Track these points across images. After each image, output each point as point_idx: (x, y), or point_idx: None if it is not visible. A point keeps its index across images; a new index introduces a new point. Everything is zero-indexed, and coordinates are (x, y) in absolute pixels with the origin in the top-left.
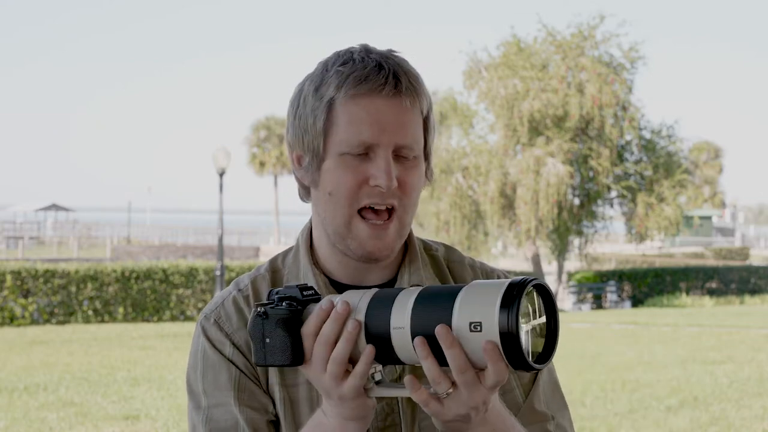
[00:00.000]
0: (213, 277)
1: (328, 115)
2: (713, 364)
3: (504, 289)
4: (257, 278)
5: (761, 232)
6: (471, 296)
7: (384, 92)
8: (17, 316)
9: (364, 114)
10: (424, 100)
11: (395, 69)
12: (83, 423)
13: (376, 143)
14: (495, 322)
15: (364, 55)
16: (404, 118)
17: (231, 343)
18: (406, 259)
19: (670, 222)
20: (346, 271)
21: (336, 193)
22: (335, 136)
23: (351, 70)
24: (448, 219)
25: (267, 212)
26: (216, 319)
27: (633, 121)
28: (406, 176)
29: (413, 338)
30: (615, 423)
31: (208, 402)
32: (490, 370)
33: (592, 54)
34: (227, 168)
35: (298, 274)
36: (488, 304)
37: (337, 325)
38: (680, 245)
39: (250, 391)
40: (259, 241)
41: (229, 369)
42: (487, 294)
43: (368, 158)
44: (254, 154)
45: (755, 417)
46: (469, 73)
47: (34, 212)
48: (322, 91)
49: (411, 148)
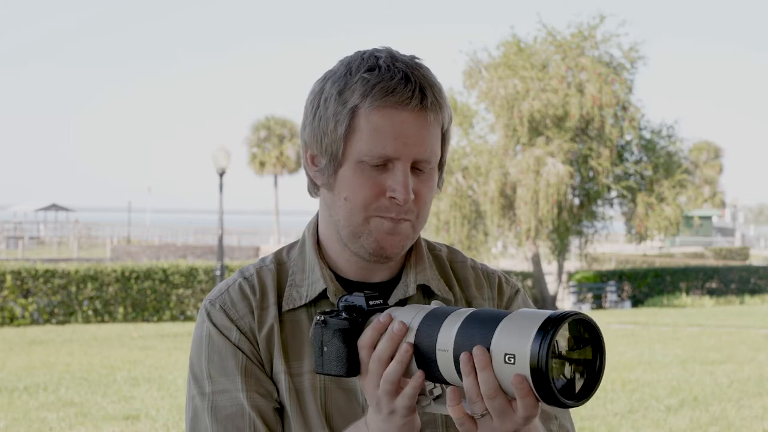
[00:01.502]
0: (213, 277)
1: (351, 122)
2: (713, 364)
3: (540, 323)
4: (262, 269)
5: (761, 232)
6: (510, 325)
7: (410, 107)
8: (17, 316)
9: (389, 126)
10: (446, 114)
11: (422, 82)
12: (83, 423)
13: (397, 157)
14: (527, 357)
15: (390, 63)
16: (426, 132)
17: (237, 329)
18: (411, 258)
19: (670, 222)
20: (353, 268)
21: (352, 200)
22: (356, 144)
23: (377, 80)
24: (448, 219)
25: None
26: (222, 305)
27: (633, 121)
28: (422, 188)
29: (455, 359)
30: (615, 423)
31: (213, 388)
32: (519, 404)
33: (592, 54)
34: (227, 168)
35: (304, 267)
36: (523, 337)
37: (392, 344)
38: (680, 245)
39: (256, 377)
40: (259, 241)
41: (236, 354)
42: (523, 327)
43: (386, 169)
44: (254, 154)
45: (755, 417)
46: (469, 73)
47: (34, 212)
48: (345, 96)
49: (429, 161)
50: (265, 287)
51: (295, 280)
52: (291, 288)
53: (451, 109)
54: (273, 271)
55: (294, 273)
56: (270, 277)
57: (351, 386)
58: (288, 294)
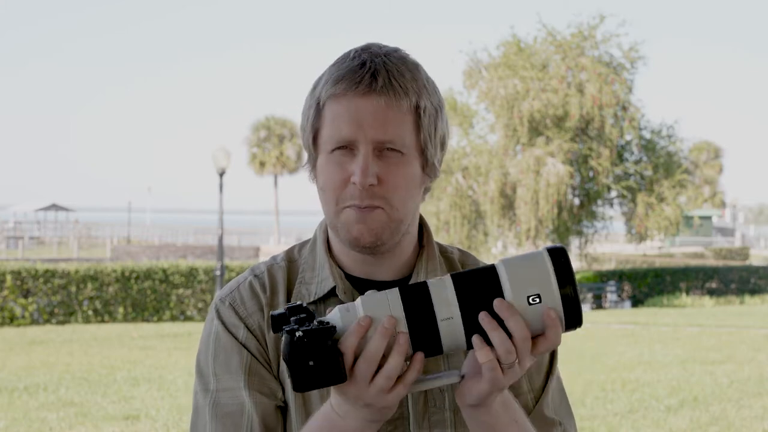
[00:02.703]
0: (213, 277)
1: (317, 113)
2: (713, 364)
3: (550, 260)
4: (273, 266)
5: (761, 232)
6: (518, 271)
7: (360, 90)
8: (17, 316)
9: (344, 111)
10: (411, 95)
11: (376, 67)
12: (83, 423)
13: (354, 139)
14: (555, 291)
15: (358, 53)
16: (383, 114)
17: (245, 327)
18: (422, 257)
19: (670, 222)
20: (355, 264)
21: (326, 188)
22: (323, 134)
23: (336, 70)
24: (448, 219)
25: (267, 212)
26: (231, 303)
27: (633, 121)
28: (388, 173)
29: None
30: (615, 423)
31: (217, 386)
32: (549, 335)
33: (592, 54)
34: (227, 168)
35: (314, 265)
36: (543, 275)
37: (384, 340)
38: (680, 245)
39: (260, 376)
40: (259, 241)
41: (241, 353)
42: (536, 267)
43: (352, 155)
44: (254, 154)
45: (755, 417)
46: (469, 73)
47: (34, 212)
48: (316, 91)
49: (393, 142)
50: (276, 285)
51: (304, 278)
52: (300, 285)
53: (430, 90)
54: (284, 269)
55: (304, 270)
56: (281, 274)
57: None
58: (297, 291)
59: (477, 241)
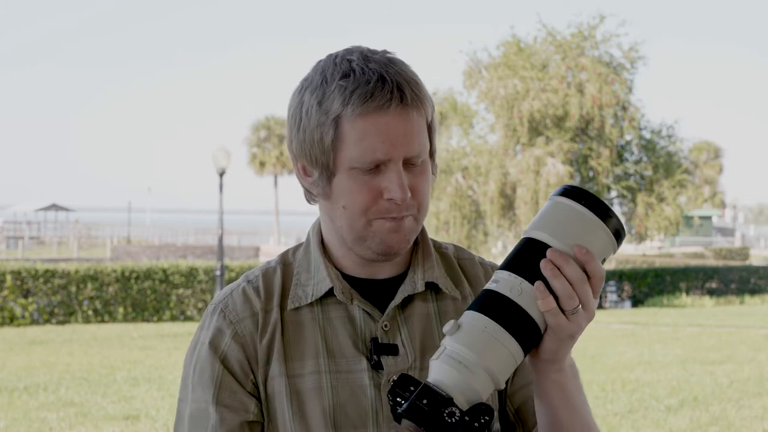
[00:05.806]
0: (213, 277)
1: (336, 131)
2: (713, 364)
3: (585, 206)
4: (268, 270)
5: (761, 232)
6: (558, 232)
7: (392, 108)
8: (17, 316)
9: (375, 131)
10: (427, 106)
11: (398, 80)
12: (83, 423)
13: (388, 159)
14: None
15: (363, 65)
16: (412, 129)
17: (234, 331)
18: (418, 254)
19: (670, 222)
20: (359, 266)
21: (350, 207)
22: (345, 153)
23: (354, 86)
24: (448, 219)
25: (267, 212)
26: (222, 308)
27: (633, 121)
28: (417, 182)
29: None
30: (615, 423)
31: (192, 396)
32: (590, 269)
33: (592, 54)
34: (227, 168)
35: (309, 267)
36: (588, 223)
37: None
38: (680, 245)
39: (231, 390)
40: (259, 241)
41: (213, 366)
42: (572, 219)
43: (379, 172)
44: (254, 154)
45: (755, 417)
46: (469, 73)
47: (34, 212)
48: (326, 106)
49: (419, 155)
50: (270, 289)
51: (300, 280)
52: (296, 287)
53: (431, 97)
54: (278, 272)
55: (299, 273)
56: (276, 278)
57: (359, 383)
58: (293, 293)
59: (477, 241)
